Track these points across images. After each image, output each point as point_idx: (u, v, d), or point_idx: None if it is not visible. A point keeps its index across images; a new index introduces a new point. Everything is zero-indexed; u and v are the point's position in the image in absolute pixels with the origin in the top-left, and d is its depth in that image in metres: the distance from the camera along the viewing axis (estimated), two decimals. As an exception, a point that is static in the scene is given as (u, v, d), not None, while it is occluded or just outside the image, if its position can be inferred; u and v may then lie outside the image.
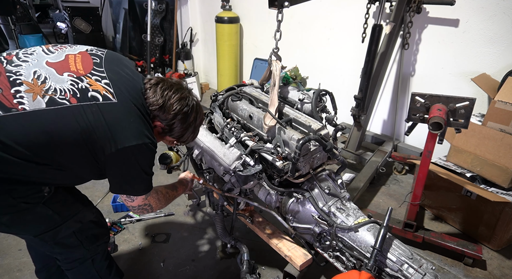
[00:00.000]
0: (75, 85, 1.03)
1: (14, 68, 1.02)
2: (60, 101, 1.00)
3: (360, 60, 2.62)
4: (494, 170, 2.09)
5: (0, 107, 0.95)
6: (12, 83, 0.99)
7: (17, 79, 1.00)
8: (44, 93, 0.99)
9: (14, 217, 1.09)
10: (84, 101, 1.02)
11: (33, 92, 0.98)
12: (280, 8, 1.52)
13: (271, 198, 1.60)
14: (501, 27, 2.35)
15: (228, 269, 1.92)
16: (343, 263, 1.42)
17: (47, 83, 1.01)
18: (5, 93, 0.97)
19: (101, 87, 1.06)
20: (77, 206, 1.27)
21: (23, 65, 1.04)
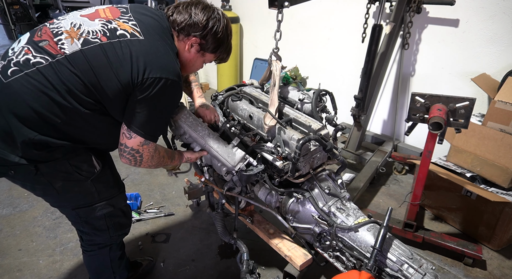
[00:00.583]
0: (105, 27, 1.14)
1: (56, 25, 1.15)
2: (93, 40, 1.11)
3: (360, 60, 2.62)
4: (494, 170, 2.09)
5: (49, 55, 1.08)
6: (55, 34, 1.12)
7: (59, 30, 1.13)
8: (79, 36, 1.11)
9: (65, 185, 1.23)
10: (113, 39, 1.12)
11: (71, 37, 1.10)
12: (280, 8, 1.52)
13: (271, 198, 1.60)
14: (501, 27, 2.35)
15: (228, 269, 1.92)
16: (343, 263, 1.42)
17: (81, 29, 1.13)
18: (51, 43, 1.10)
19: (129, 27, 1.15)
20: (115, 191, 1.39)
21: (62, 21, 1.17)
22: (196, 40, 1.25)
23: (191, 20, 1.22)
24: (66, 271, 1.88)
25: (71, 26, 1.13)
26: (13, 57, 1.09)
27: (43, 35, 1.12)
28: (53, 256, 1.98)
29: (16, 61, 1.08)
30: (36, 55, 1.08)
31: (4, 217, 2.28)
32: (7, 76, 1.07)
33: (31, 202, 2.43)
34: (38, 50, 1.09)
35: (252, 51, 4.27)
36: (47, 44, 1.10)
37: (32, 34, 1.15)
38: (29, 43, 1.12)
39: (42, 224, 2.22)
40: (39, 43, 1.10)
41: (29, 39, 1.14)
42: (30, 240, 2.09)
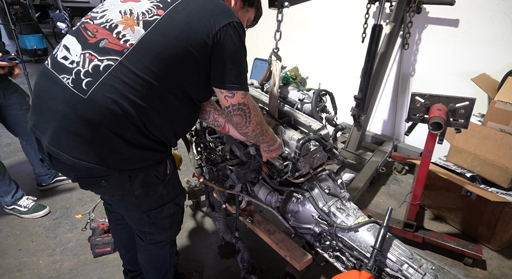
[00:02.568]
0: (154, 0, 1.09)
1: (102, 19, 1.08)
2: (152, 19, 1.04)
3: (360, 60, 2.62)
4: (494, 170, 2.09)
5: (115, 54, 1.01)
6: (110, 29, 1.05)
7: (111, 24, 1.06)
8: (137, 22, 1.05)
9: (144, 190, 1.21)
10: (168, 7, 1.06)
11: (129, 26, 1.04)
12: (280, 8, 1.52)
13: (271, 198, 1.60)
14: (501, 27, 2.35)
15: (228, 269, 1.92)
16: (343, 263, 1.42)
17: (134, 13, 1.06)
18: (111, 40, 1.03)
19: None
20: (179, 190, 1.40)
21: (106, 13, 1.09)
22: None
23: None
24: (66, 271, 1.88)
25: (122, 15, 1.07)
26: (79, 68, 1.01)
27: (98, 34, 1.04)
28: (53, 256, 1.98)
29: (85, 71, 1.00)
30: (102, 58, 1.01)
31: (4, 217, 2.28)
32: (83, 90, 0.99)
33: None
34: (102, 53, 1.01)
35: (252, 51, 4.27)
36: (107, 42, 1.02)
37: (81, 37, 1.07)
38: (87, 47, 1.03)
39: (42, 224, 2.22)
40: (98, 44, 1.02)
41: (82, 43, 1.05)
42: (30, 240, 2.09)
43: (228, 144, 1.74)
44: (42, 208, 2.33)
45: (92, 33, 1.05)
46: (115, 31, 1.04)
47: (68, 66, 1.04)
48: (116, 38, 1.03)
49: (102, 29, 1.05)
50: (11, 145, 3.25)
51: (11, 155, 3.07)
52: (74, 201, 2.46)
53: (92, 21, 1.09)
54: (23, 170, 2.81)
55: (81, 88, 0.99)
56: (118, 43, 1.02)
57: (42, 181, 2.60)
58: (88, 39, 1.05)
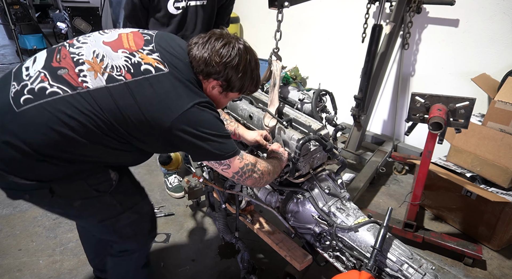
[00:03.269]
0: (129, 61, 1.07)
1: (77, 50, 1.08)
2: (118, 78, 1.04)
3: (360, 60, 2.62)
4: (494, 170, 2.09)
5: (68, 86, 1.01)
6: (76, 63, 1.05)
7: (80, 59, 1.06)
8: (103, 71, 1.04)
9: (84, 203, 1.18)
10: (138, 76, 1.05)
11: (94, 71, 1.04)
12: (280, 8, 1.52)
13: (271, 198, 1.60)
14: (501, 27, 2.35)
15: (228, 269, 1.92)
16: (343, 263, 1.42)
17: (105, 61, 1.06)
18: (71, 73, 1.03)
19: (153, 60, 1.09)
20: (137, 198, 1.34)
21: (84, 46, 1.09)
22: (217, 83, 1.18)
23: (209, 61, 1.13)
24: (66, 271, 1.88)
25: (93, 55, 1.06)
26: (27, 83, 1.02)
27: (62, 61, 1.05)
28: (53, 256, 1.98)
29: (30, 89, 1.00)
30: (53, 84, 1.01)
31: (4, 217, 2.28)
32: (19, 104, 0.99)
33: (31, 202, 2.43)
34: (56, 79, 1.01)
35: (252, 51, 4.27)
36: (66, 73, 1.03)
37: (50, 56, 1.08)
38: (46, 68, 1.04)
39: (42, 224, 2.22)
40: (57, 70, 1.03)
41: (46, 62, 1.06)
42: (30, 240, 2.09)
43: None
44: (180, 190, 2.49)
45: (59, 58, 1.07)
46: (79, 68, 1.04)
47: (23, 77, 1.05)
48: (76, 74, 1.03)
49: (70, 59, 1.06)
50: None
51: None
52: (74, 201, 2.46)
53: (69, 48, 1.10)
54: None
55: (17, 102, 0.99)
56: (76, 79, 1.02)
57: None
58: (53, 61, 1.06)
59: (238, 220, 1.84)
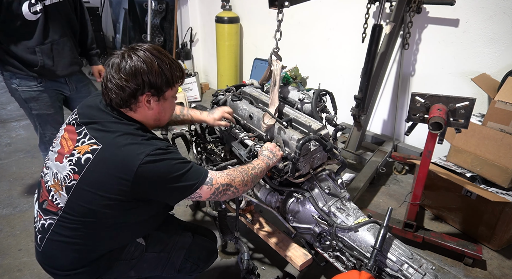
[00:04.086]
0: (72, 162, 1.13)
1: (46, 178, 1.22)
2: (70, 184, 1.12)
3: (360, 60, 2.62)
4: (494, 170, 2.09)
5: (53, 214, 1.15)
6: (48, 191, 1.18)
7: (48, 186, 1.20)
8: (61, 187, 1.14)
9: (135, 269, 1.31)
10: (82, 171, 1.11)
11: (57, 191, 1.15)
12: (280, 8, 1.52)
13: (271, 198, 1.60)
14: (501, 27, 2.35)
15: (228, 269, 1.92)
16: (343, 263, 1.42)
17: (59, 178, 1.16)
18: (49, 202, 1.17)
19: (87, 146, 1.12)
20: (174, 238, 1.41)
21: (48, 172, 1.21)
22: (146, 96, 1.13)
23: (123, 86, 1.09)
24: (66, 271, 1.88)
25: (53, 178, 1.17)
26: (36, 224, 1.21)
27: (42, 194, 1.21)
28: (53, 256, 1.98)
29: (38, 229, 1.19)
30: (46, 218, 1.17)
31: (4, 217, 2.28)
32: (39, 244, 1.19)
33: (31, 202, 2.43)
34: (45, 213, 1.18)
35: (252, 51, 4.27)
36: (47, 204, 1.17)
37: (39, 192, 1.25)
38: (39, 207, 1.22)
39: (42, 224, 2.22)
40: (42, 205, 1.19)
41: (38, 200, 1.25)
42: (30, 240, 2.09)
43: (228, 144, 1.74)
44: None
45: (42, 192, 1.22)
46: (51, 194, 1.17)
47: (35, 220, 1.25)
48: (51, 201, 1.16)
49: (45, 190, 1.20)
50: (11, 144, 3.25)
51: (11, 155, 3.07)
52: (74, 201, 2.45)
53: (44, 177, 1.23)
54: (23, 170, 2.81)
55: (38, 242, 1.19)
56: (53, 205, 1.15)
57: None
58: (40, 198, 1.23)
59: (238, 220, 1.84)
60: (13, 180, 2.65)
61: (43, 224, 1.17)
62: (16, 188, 2.55)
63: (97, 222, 1.14)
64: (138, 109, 1.17)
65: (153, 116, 1.21)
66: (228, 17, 3.95)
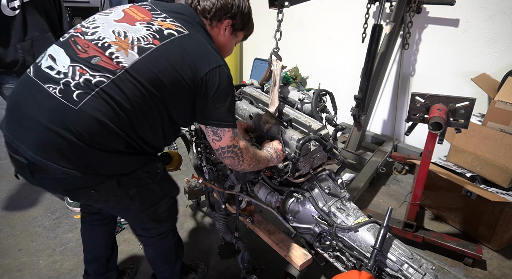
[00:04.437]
0: (150, 29, 1.11)
1: (94, 36, 1.09)
2: (147, 47, 1.07)
3: (360, 60, 2.62)
4: (494, 170, 2.09)
5: (108, 72, 1.04)
6: (103, 48, 1.06)
7: (104, 42, 1.07)
8: (131, 46, 1.07)
9: (138, 191, 1.24)
10: (165, 40, 1.09)
11: (123, 49, 1.06)
12: (280, 8, 1.52)
13: (271, 198, 1.60)
14: (501, 27, 2.35)
15: (228, 269, 1.92)
16: (343, 263, 1.42)
17: (129, 37, 1.08)
18: (104, 58, 1.05)
19: (170, 25, 1.14)
20: (172, 184, 1.43)
21: (99, 30, 1.10)
22: (228, 22, 1.27)
23: (219, 3, 1.22)
24: (66, 271, 1.88)
25: (115, 35, 1.08)
26: (68, 79, 1.03)
27: (89, 50, 1.06)
28: (53, 256, 1.98)
29: (76, 84, 1.02)
30: (94, 74, 1.03)
31: (4, 217, 2.28)
32: (75, 101, 1.01)
33: (31, 202, 2.43)
34: (94, 69, 1.03)
35: (252, 51, 4.27)
36: (99, 60, 1.04)
37: (70, 49, 1.08)
38: (77, 61, 1.05)
39: (42, 224, 2.22)
40: (90, 60, 1.04)
41: (70, 56, 1.06)
42: (30, 240, 2.09)
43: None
44: None
45: (82, 48, 1.07)
46: (108, 51, 1.05)
47: (54, 76, 1.04)
48: (108, 58, 1.05)
49: (94, 46, 1.07)
50: (11, 144, 3.25)
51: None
52: (74, 201, 2.46)
53: (83, 36, 1.10)
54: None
55: (71, 99, 1.01)
56: (111, 62, 1.04)
57: None
58: (78, 53, 1.06)
59: (238, 220, 1.84)
60: (13, 179, 2.65)
61: (88, 79, 1.02)
62: (16, 188, 2.55)
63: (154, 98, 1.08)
64: (215, 29, 1.27)
65: (218, 45, 1.28)
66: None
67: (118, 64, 1.04)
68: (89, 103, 1.01)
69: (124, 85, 1.04)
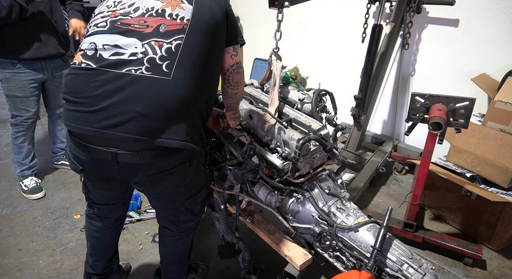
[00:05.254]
0: None
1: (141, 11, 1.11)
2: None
3: (360, 60, 2.62)
4: (494, 170, 2.09)
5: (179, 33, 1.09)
6: (160, 15, 1.10)
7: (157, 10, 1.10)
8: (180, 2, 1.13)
9: (193, 176, 1.29)
10: None
11: (176, 5, 1.12)
12: (280, 8, 1.52)
13: (271, 198, 1.60)
14: (501, 27, 2.35)
15: (228, 269, 1.92)
16: (343, 263, 1.42)
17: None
18: (168, 23, 1.09)
19: None
20: (208, 176, 1.51)
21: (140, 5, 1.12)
22: None
23: None
24: (66, 271, 1.88)
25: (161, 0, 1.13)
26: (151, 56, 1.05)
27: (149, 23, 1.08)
28: (53, 256, 1.98)
29: (160, 56, 1.06)
30: (169, 41, 1.07)
31: (4, 217, 2.28)
32: (166, 73, 1.05)
33: (31, 202, 2.43)
34: (166, 36, 1.07)
35: (252, 51, 4.27)
36: (166, 27, 1.08)
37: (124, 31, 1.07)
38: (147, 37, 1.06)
39: (42, 224, 2.22)
40: (158, 30, 1.08)
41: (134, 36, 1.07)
42: (30, 240, 2.09)
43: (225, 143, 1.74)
44: (38, 191, 2.47)
45: (140, 25, 1.08)
46: (167, 14, 1.10)
47: (129, 59, 1.05)
48: (172, 20, 1.09)
49: (150, 17, 1.09)
50: (11, 145, 3.24)
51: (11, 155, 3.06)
52: (74, 201, 2.46)
53: (129, 16, 1.10)
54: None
55: (162, 72, 1.05)
56: (175, 23, 1.09)
57: (55, 160, 2.84)
58: (142, 30, 1.07)
59: (238, 220, 1.84)
60: (13, 180, 2.65)
61: (168, 48, 1.06)
62: (16, 188, 2.55)
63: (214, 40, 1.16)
64: None
65: None
66: None
67: (182, 20, 1.10)
68: (178, 70, 1.06)
69: (195, 37, 1.10)
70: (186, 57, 1.08)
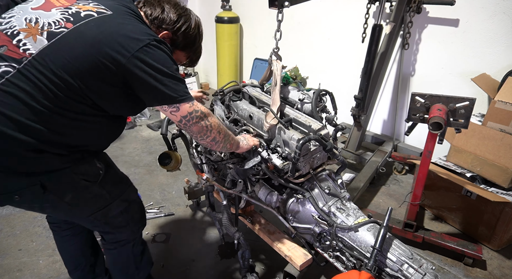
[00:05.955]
0: (66, 13, 1.04)
1: (7, 25, 1.03)
2: (58, 31, 1.00)
3: (360, 60, 2.62)
4: (494, 170, 2.09)
5: (14, 61, 0.97)
6: (12, 36, 1.00)
7: (14, 30, 1.01)
8: (41, 31, 1.00)
9: (75, 195, 1.16)
10: (79, 22, 1.02)
11: (32, 35, 0.99)
12: (280, 8, 1.52)
13: (271, 198, 1.60)
14: (501, 27, 2.35)
15: (228, 269, 1.92)
16: (343, 263, 1.42)
17: (40, 22, 1.02)
18: (10, 47, 0.98)
19: (92, 7, 1.06)
20: (123, 186, 1.36)
21: (13, 19, 1.04)
22: (167, 34, 1.22)
23: (163, 15, 1.19)
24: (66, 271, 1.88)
25: (26, 22, 1.01)
26: None
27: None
28: (53, 256, 1.98)
29: None
30: (1, 64, 0.96)
31: (4, 217, 2.28)
32: None
33: (31, 202, 2.43)
34: (1, 59, 0.97)
35: (252, 51, 4.27)
36: (6, 50, 0.98)
37: None
38: None
39: (42, 224, 2.22)
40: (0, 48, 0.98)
41: None
42: (30, 240, 2.09)
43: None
44: None
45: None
46: (16, 39, 0.99)
47: None
48: (15, 46, 0.98)
49: (4, 35, 1.01)
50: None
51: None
52: (74, 201, 2.46)
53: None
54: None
55: None
56: (17, 51, 0.98)
57: None
58: None
59: (238, 220, 1.84)
60: (13, 180, 2.65)
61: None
62: (16, 188, 2.55)
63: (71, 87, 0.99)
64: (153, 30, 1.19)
65: None
66: (228, 17, 3.95)
67: (25, 52, 0.97)
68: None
69: (32, 75, 0.96)
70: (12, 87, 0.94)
